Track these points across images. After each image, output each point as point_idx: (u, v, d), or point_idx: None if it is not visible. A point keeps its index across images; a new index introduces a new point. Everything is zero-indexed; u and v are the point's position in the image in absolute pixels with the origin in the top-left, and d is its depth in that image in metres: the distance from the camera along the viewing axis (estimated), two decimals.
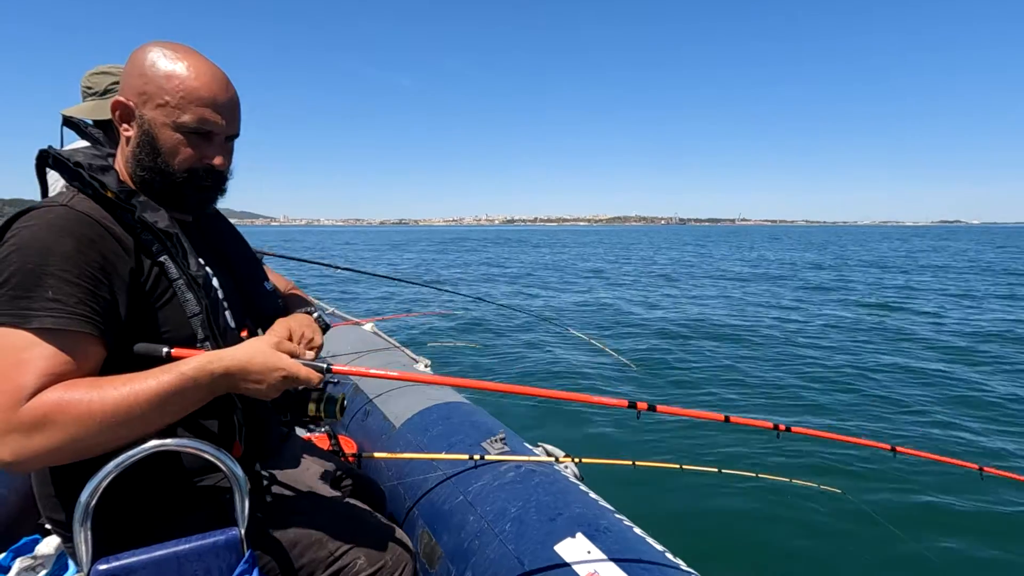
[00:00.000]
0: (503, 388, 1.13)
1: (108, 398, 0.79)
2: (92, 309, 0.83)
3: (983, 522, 2.92)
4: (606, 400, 1.17)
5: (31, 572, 1.12)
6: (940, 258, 25.45)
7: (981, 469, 1.70)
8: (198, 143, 0.97)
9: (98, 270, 0.85)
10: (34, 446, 0.76)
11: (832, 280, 15.43)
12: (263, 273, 1.23)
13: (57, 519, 0.96)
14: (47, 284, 0.81)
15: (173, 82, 0.93)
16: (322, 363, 0.96)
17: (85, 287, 0.83)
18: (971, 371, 5.75)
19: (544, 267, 20.51)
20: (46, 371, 0.78)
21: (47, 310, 0.80)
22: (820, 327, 8.21)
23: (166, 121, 0.94)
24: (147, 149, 0.95)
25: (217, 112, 0.97)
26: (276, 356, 0.90)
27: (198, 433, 0.98)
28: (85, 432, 0.78)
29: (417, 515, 1.58)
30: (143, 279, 0.92)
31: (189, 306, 0.95)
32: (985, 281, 14.99)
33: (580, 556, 1.20)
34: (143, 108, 0.94)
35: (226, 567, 0.90)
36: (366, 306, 10.29)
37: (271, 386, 0.90)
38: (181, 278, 0.95)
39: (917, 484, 3.28)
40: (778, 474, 2.32)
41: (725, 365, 5.95)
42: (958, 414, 4.50)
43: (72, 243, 0.84)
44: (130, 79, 0.94)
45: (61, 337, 0.80)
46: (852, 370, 5.73)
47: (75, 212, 0.87)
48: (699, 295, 12.31)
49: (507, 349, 6.77)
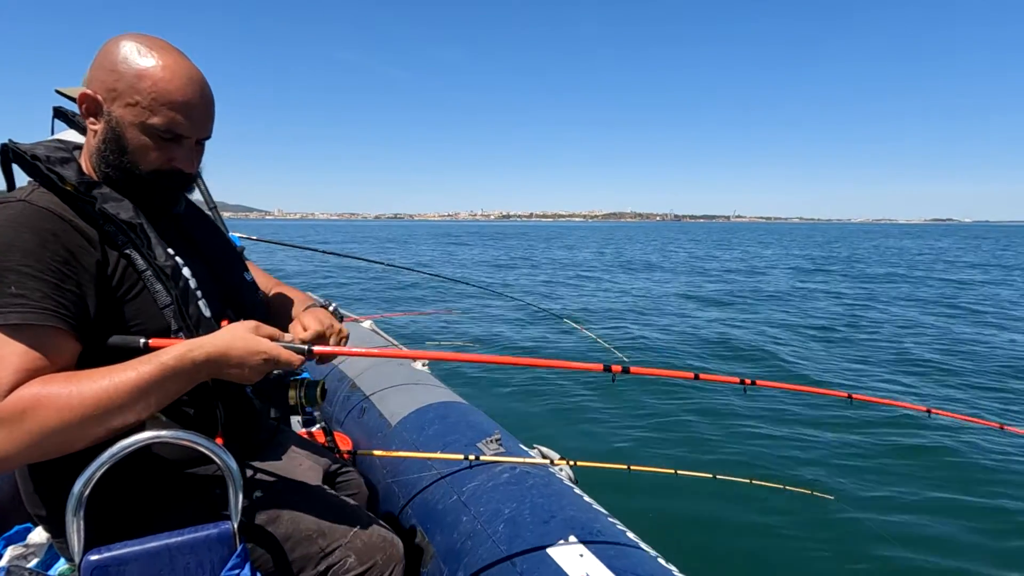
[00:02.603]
0: (482, 359, 1.20)
1: (87, 391, 0.78)
2: (59, 303, 0.82)
3: (980, 528, 2.92)
4: (581, 365, 1.19)
5: (23, 560, 1.12)
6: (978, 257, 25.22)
7: (929, 411, 1.77)
8: (166, 145, 0.95)
9: (62, 264, 0.84)
10: (13, 442, 0.75)
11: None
12: (242, 264, 1.22)
13: (40, 514, 0.96)
14: (8, 280, 0.79)
15: (145, 82, 0.90)
16: (303, 345, 0.96)
17: (49, 281, 0.82)
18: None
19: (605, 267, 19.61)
20: (18, 367, 0.77)
21: (11, 306, 0.79)
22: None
23: (134, 121, 0.92)
24: (113, 147, 0.94)
25: (188, 116, 0.94)
26: (256, 340, 0.90)
27: (180, 424, 0.98)
28: (65, 426, 0.77)
29: (410, 514, 1.58)
30: (110, 271, 0.91)
31: (159, 297, 0.94)
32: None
33: (573, 559, 1.19)
34: (111, 104, 0.92)
35: (218, 560, 0.90)
36: (365, 305, 10.30)
37: (253, 369, 0.90)
38: (148, 269, 0.94)
39: (910, 491, 3.29)
40: (772, 481, 2.32)
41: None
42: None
43: (32, 237, 0.83)
44: (99, 72, 0.92)
45: (29, 332, 0.79)
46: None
47: (34, 207, 0.86)
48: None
49: (506, 343, 6.78)
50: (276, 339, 0.94)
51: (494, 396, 4.77)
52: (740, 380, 1.40)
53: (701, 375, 1.30)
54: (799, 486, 2.41)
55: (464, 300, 10.10)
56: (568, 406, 4.55)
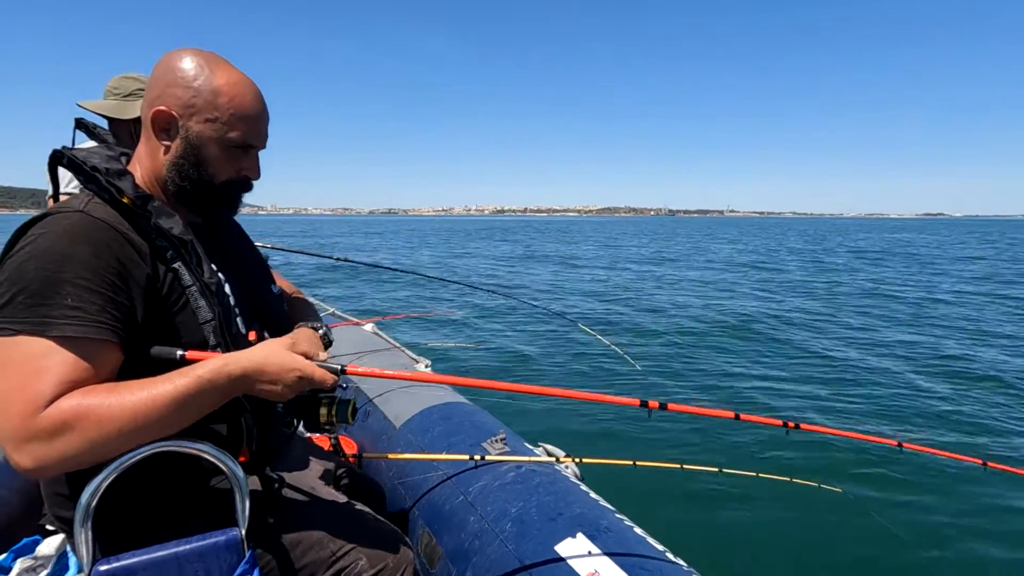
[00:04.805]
0: (514, 388, 1.12)
1: (127, 403, 0.80)
2: (113, 316, 0.84)
3: (985, 522, 2.92)
4: (618, 399, 1.17)
5: (32, 573, 1.12)
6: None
7: (985, 464, 1.70)
8: (239, 157, 1.00)
9: (116, 276, 0.85)
10: (55, 452, 0.76)
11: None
12: (270, 275, 1.23)
13: (65, 517, 0.97)
14: (66, 291, 0.81)
15: (222, 98, 0.94)
16: (336, 364, 0.96)
17: (105, 294, 0.83)
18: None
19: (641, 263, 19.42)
20: (65, 378, 0.79)
21: (67, 318, 0.80)
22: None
23: (214, 136, 0.96)
24: (192, 160, 0.97)
25: (258, 129, 1.00)
26: (291, 357, 0.91)
27: (207, 437, 0.98)
28: (105, 437, 0.78)
29: (417, 515, 1.58)
30: (159, 285, 0.92)
31: (202, 312, 0.95)
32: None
33: (581, 556, 1.20)
34: (189, 120, 0.95)
35: (227, 567, 0.90)
36: (366, 305, 10.29)
37: (287, 387, 0.91)
38: (194, 285, 0.95)
39: (918, 484, 3.29)
40: (779, 474, 2.32)
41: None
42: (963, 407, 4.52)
43: (89, 250, 0.84)
44: (173, 89, 0.94)
45: (82, 345, 0.81)
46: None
47: (91, 218, 0.87)
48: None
49: (509, 348, 6.77)
50: (311, 357, 0.94)
51: (497, 395, 4.77)
52: (783, 423, 1.36)
53: (742, 415, 1.26)
54: (806, 479, 2.40)
55: (469, 301, 10.09)
56: (576, 405, 4.53)
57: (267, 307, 1.17)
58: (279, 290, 1.24)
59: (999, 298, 10.92)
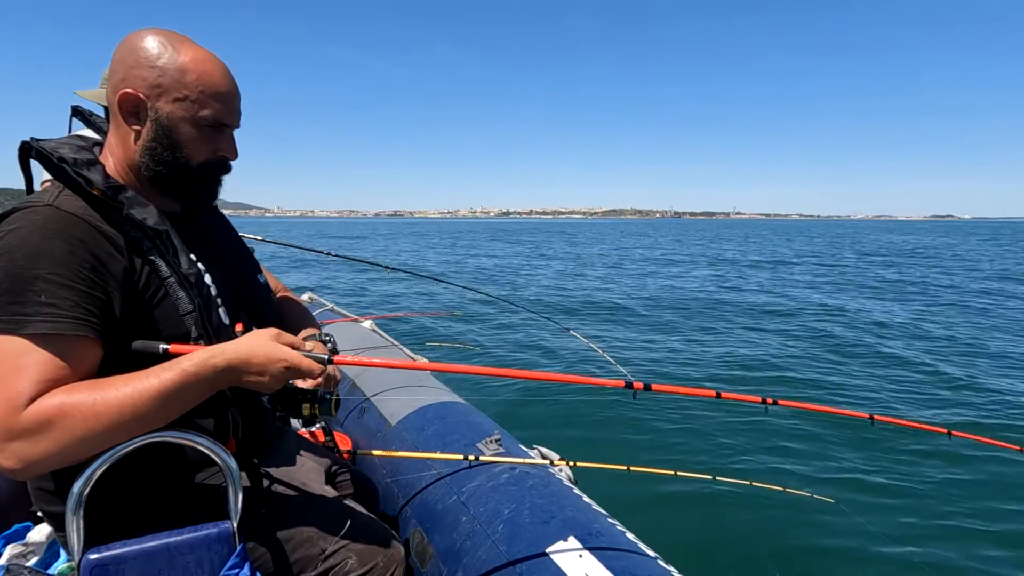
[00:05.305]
0: (499, 372, 1.13)
1: (111, 399, 0.79)
2: (88, 311, 0.82)
3: (978, 531, 2.91)
4: (603, 381, 1.16)
5: (22, 559, 1.12)
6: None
7: (949, 432, 1.72)
8: (213, 136, 0.97)
9: (90, 271, 0.84)
10: (39, 451, 0.76)
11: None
12: (255, 265, 1.21)
13: (50, 511, 0.96)
14: (39, 288, 0.79)
15: (190, 76, 0.91)
16: (323, 354, 0.96)
17: (79, 289, 0.82)
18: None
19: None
20: (43, 376, 0.78)
21: (41, 315, 0.79)
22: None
23: (185, 116, 0.93)
24: (164, 143, 0.94)
25: (230, 106, 0.97)
26: (277, 348, 0.90)
27: (193, 429, 0.98)
28: (90, 434, 0.78)
29: (410, 514, 1.58)
30: (136, 278, 0.90)
31: (182, 304, 0.94)
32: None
33: (572, 560, 1.19)
34: (157, 101, 0.92)
35: (218, 560, 0.90)
36: (365, 303, 10.29)
37: (273, 378, 0.89)
38: (172, 276, 0.94)
39: (910, 495, 3.28)
40: (772, 483, 2.32)
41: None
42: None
43: (62, 245, 0.82)
44: (137, 70, 0.91)
45: (58, 341, 0.79)
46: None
47: (61, 212, 0.85)
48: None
49: (507, 349, 6.76)
50: (296, 347, 0.93)
51: (494, 396, 4.77)
52: (762, 400, 1.39)
53: (723, 394, 1.29)
54: (799, 488, 2.40)
55: (469, 301, 10.08)
56: (571, 406, 4.53)
57: (252, 297, 1.16)
58: (264, 280, 1.22)
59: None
